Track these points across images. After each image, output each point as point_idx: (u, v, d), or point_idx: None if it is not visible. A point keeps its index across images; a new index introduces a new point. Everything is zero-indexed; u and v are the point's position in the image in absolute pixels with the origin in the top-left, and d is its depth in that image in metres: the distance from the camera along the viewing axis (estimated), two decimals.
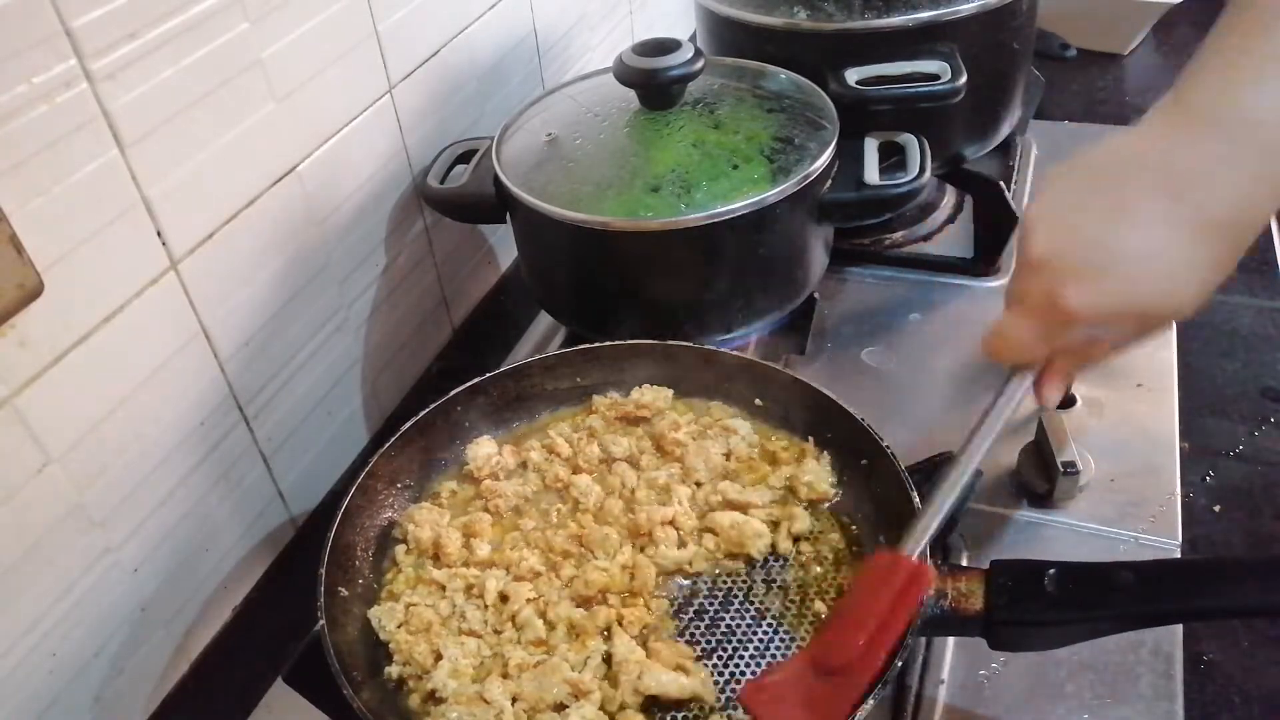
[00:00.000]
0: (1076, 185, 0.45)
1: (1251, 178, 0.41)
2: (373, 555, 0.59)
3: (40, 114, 0.46)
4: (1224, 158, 0.41)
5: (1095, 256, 0.43)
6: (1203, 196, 0.41)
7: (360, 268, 0.72)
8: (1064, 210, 0.45)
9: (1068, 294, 0.43)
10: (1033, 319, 0.46)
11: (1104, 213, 0.43)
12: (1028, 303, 0.46)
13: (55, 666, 0.52)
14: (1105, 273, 0.43)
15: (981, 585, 0.51)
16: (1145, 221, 0.42)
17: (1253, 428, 0.72)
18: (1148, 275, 0.42)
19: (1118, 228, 0.42)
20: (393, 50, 0.71)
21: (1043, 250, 0.45)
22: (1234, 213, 0.41)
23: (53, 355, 0.49)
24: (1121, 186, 0.43)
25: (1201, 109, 0.42)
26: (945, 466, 0.52)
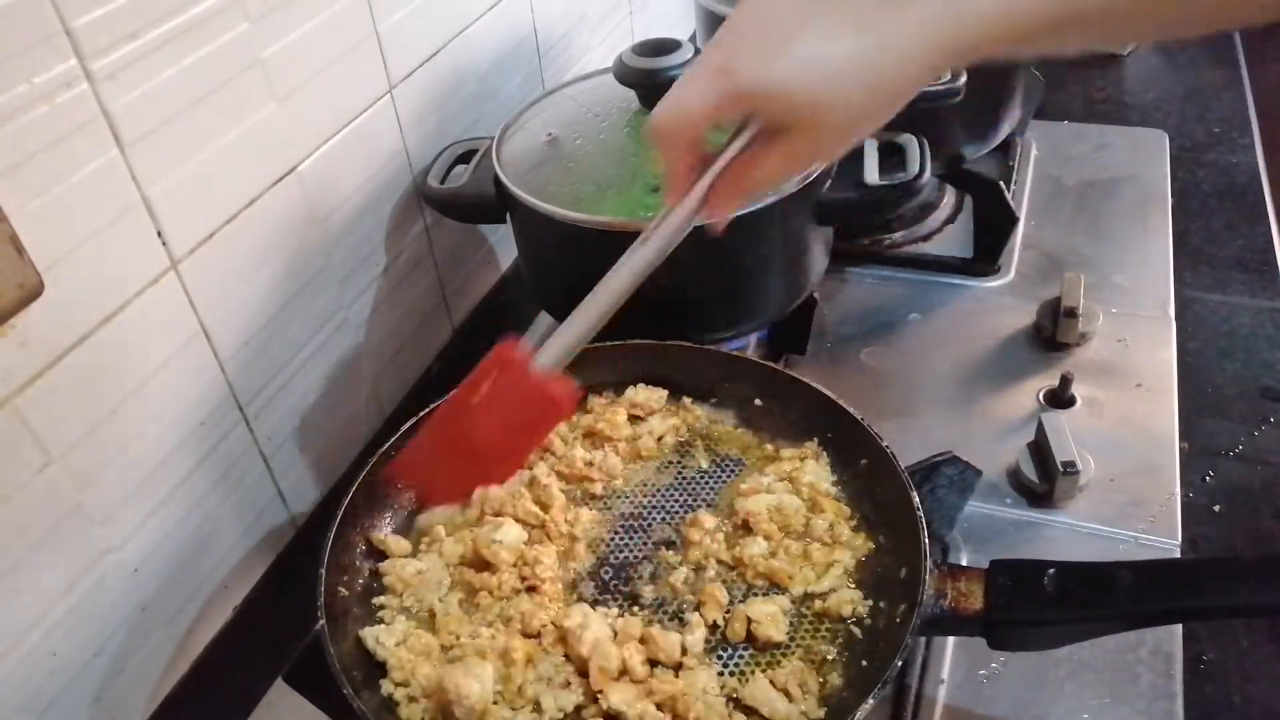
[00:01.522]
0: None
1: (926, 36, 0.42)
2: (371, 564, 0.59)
3: (41, 114, 0.46)
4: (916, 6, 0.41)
5: (779, 37, 0.43)
6: (885, 38, 0.42)
7: (360, 267, 0.72)
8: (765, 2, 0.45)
9: (745, 59, 0.43)
10: (702, 80, 0.45)
11: (802, 11, 0.43)
12: (705, 62, 0.45)
13: (55, 666, 0.52)
14: (781, 54, 0.42)
15: (981, 585, 0.51)
16: (832, 33, 0.42)
17: (1252, 427, 0.72)
18: (810, 72, 0.42)
19: (809, 25, 0.43)
20: (393, 50, 0.71)
21: (737, 18, 0.45)
22: (897, 61, 0.42)
23: (53, 355, 0.49)
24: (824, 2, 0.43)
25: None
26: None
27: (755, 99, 0.44)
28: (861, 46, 0.42)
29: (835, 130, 0.44)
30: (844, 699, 0.50)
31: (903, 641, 0.48)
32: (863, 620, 0.53)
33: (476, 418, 0.50)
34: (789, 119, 0.44)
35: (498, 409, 0.50)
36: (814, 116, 0.43)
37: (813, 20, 0.43)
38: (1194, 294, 0.84)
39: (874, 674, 0.50)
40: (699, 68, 0.45)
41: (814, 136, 0.44)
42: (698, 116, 0.45)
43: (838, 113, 0.43)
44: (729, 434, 0.65)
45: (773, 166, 0.46)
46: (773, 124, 0.45)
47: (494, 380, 0.50)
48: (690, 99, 0.45)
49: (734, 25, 0.45)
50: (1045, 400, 0.75)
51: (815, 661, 0.52)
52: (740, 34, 0.44)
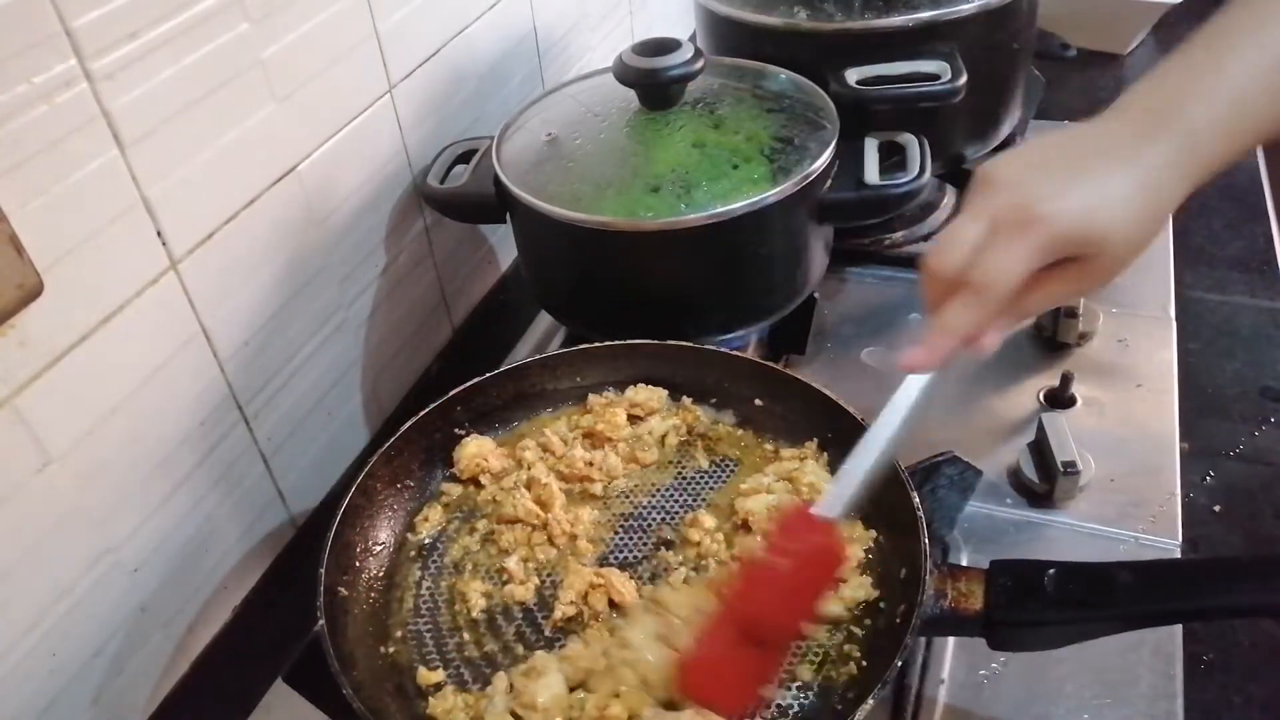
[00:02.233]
0: (1034, 146, 0.50)
1: (1176, 156, 0.47)
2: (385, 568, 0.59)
3: (40, 114, 0.46)
4: (1160, 144, 0.47)
5: (1063, 178, 0.46)
6: (1143, 171, 0.47)
7: (360, 267, 0.72)
8: (1026, 156, 0.49)
9: (1046, 205, 0.45)
10: (1016, 236, 0.46)
11: (1063, 153, 0.48)
12: (1002, 223, 0.46)
13: (55, 666, 0.52)
14: (1074, 191, 0.46)
15: (981, 585, 0.51)
16: (1103, 170, 0.47)
17: (1253, 428, 0.72)
18: (1109, 206, 0.46)
19: (1082, 165, 0.47)
20: (393, 50, 0.71)
21: (1007, 175, 0.47)
22: (1162, 180, 0.47)
23: (53, 355, 0.49)
24: (1079, 145, 0.49)
25: (1144, 102, 0.50)
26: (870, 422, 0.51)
27: (1064, 239, 0.46)
28: (1131, 179, 0.46)
29: (1119, 259, 0.47)
30: (844, 699, 0.50)
31: (903, 641, 0.48)
32: (872, 610, 0.53)
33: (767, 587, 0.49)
34: (1087, 251, 0.46)
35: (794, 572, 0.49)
36: (1108, 246, 0.46)
37: (1083, 161, 0.47)
38: (1194, 294, 0.84)
39: (874, 674, 0.50)
40: (992, 229, 0.46)
41: (1103, 264, 0.47)
42: (1019, 274, 0.46)
43: (1123, 240, 0.46)
44: (729, 434, 0.65)
45: (1056, 293, 0.48)
46: (1069, 257, 0.47)
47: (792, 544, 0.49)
48: (1013, 262, 0.46)
49: (1007, 181, 0.47)
50: (1046, 400, 0.75)
51: (816, 660, 0.52)
52: (1022, 185, 0.47)
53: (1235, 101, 0.47)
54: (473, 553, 0.59)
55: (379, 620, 0.56)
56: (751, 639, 0.48)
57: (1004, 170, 0.48)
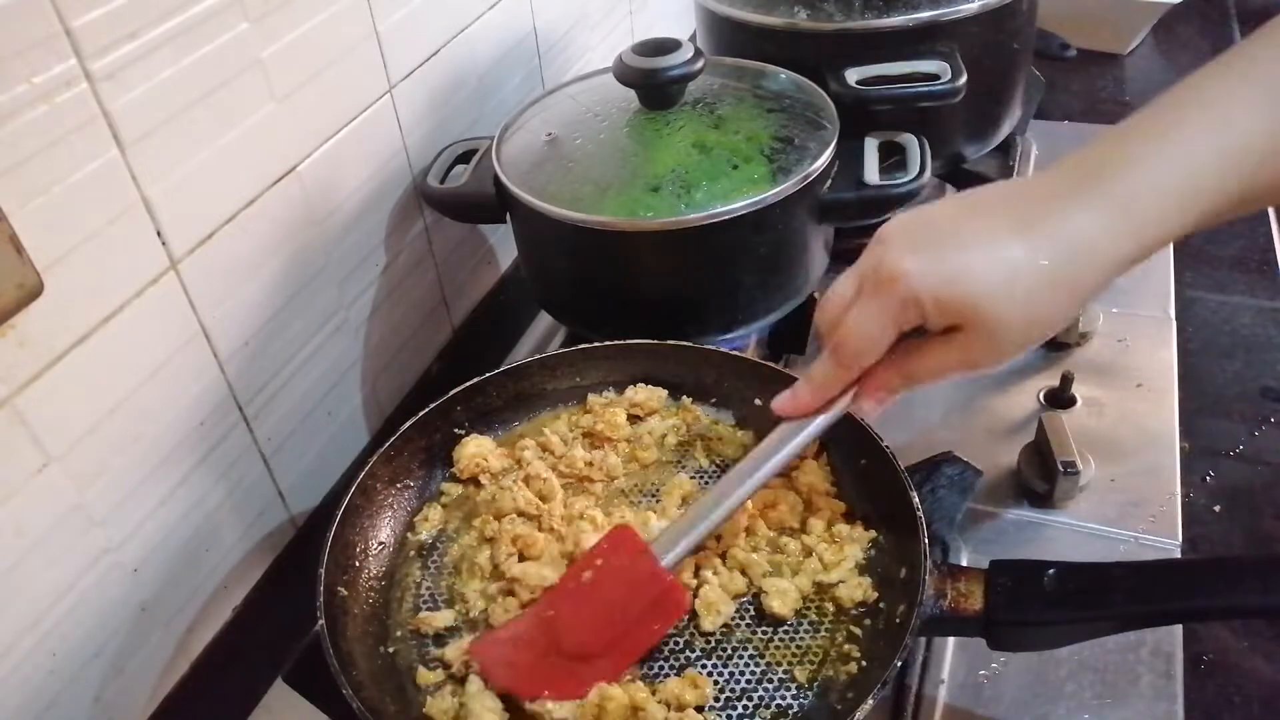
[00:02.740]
0: (945, 202, 0.47)
1: (1104, 229, 0.42)
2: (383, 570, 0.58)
3: (40, 114, 0.46)
4: (1084, 205, 0.42)
5: (939, 239, 0.43)
6: (1053, 229, 0.42)
7: (360, 268, 0.72)
8: (927, 212, 0.46)
9: (905, 262, 0.43)
10: (872, 295, 0.45)
11: (958, 212, 0.45)
12: (867, 281, 0.45)
13: (55, 666, 0.52)
14: (946, 253, 0.43)
15: (981, 585, 0.51)
16: (994, 229, 0.43)
17: (1253, 427, 0.72)
18: (986, 271, 0.42)
19: (968, 224, 0.43)
20: (393, 50, 0.71)
21: (892, 230, 0.45)
22: (1082, 257, 0.42)
23: (52, 355, 0.49)
24: (982, 205, 0.45)
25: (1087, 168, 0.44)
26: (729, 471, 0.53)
27: (926, 304, 0.43)
28: (1032, 246, 0.42)
29: (1010, 334, 0.43)
30: (844, 699, 0.50)
31: (902, 642, 0.48)
32: (871, 610, 0.53)
33: (585, 599, 0.50)
34: (961, 322, 0.44)
35: (608, 593, 0.50)
36: (988, 320, 0.43)
37: (974, 224, 0.43)
38: (1194, 294, 0.84)
39: (874, 674, 0.50)
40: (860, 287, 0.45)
41: (985, 340, 0.44)
42: (884, 338, 0.45)
43: (1012, 315, 0.43)
44: (729, 434, 0.65)
45: (942, 363, 0.46)
46: (948, 325, 0.44)
47: (607, 562, 0.51)
48: (870, 324, 0.45)
49: (889, 237, 0.45)
50: (1045, 400, 0.75)
51: (815, 661, 0.52)
52: (899, 244, 0.44)
53: (1189, 173, 0.42)
54: (472, 552, 0.59)
55: (379, 620, 0.56)
56: (555, 642, 0.50)
57: (892, 226, 0.45)
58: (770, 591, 0.54)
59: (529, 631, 0.51)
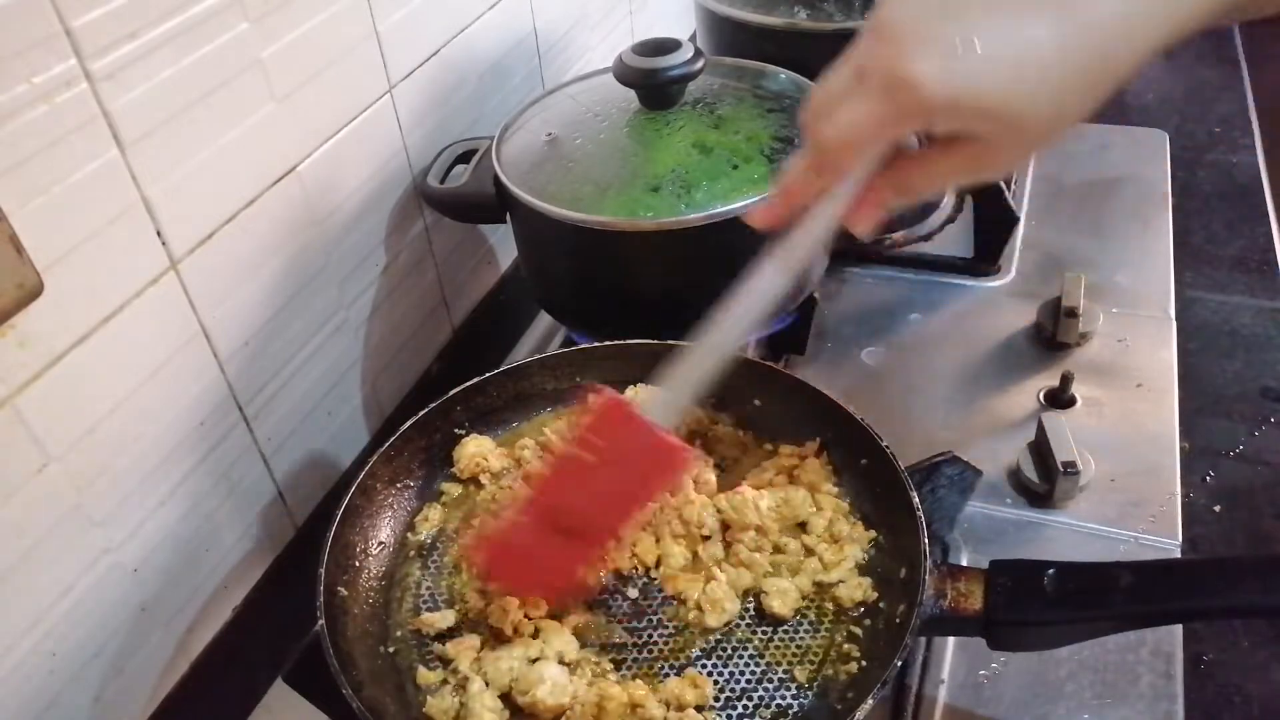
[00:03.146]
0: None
1: (1140, 7, 0.36)
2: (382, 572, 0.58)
3: (40, 114, 0.46)
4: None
5: (955, 30, 0.35)
6: (1089, 14, 0.36)
7: (360, 268, 0.72)
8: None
9: (916, 66, 0.36)
10: (870, 95, 0.37)
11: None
12: (866, 77, 0.38)
13: (55, 666, 0.52)
14: (964, 51, 0.35)
15: (981, 585, 0.51)
16: (1022, 15, 0.36)
17: (1252, 427, 0.72)
18: (1011, 68, 0.36)
19: (993, 7, 0.36)
20: (393, 50, 0.71)
21: (895, 14, 0.37)
22: (1115, 38, 0.36)
23: (52, 355, 0.49)
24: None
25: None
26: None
27: (939, 114, 0.37)
28: (1065, 27, 0.35)
29: (1033, 134, 0.38)
30: (844, 698, 0.50)
31: (902, 641, 0.48)
32: (871, 610, 0.53)
33: (584, 479, 0.47)
34: (980, 129, 0.38)
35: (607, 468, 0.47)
36: (1013, 120, 0.37)
37: (996, 6, 0.35)
38: (1194, 294, 0.84)
39: (874, 674, 0.50)
40: (862, 78, 0.38)
41: (1006, 143, 0.38)
42: (870, 142, 0.39)
43: (1038, 112, 0.37)
44: (729, 434, 0.65)
45: (945, 172, 0.41)
46: (957, 134, 0.38)
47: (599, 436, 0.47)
48: (859, 123, 0.38)
49: (891, 22, 0.37)
50: (1046, 400, 0.75)
51: (815, 660, 0.52)
52: (905, 33, 0.36)
53: None
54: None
55: (379, 620, 0.56)
56: (560, 528, 0.47)
57: (893, 7, 0.37)
58: (770, 591, 0.54)
59: (527, 524, 0.49)
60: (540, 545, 0.48)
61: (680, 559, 0.56)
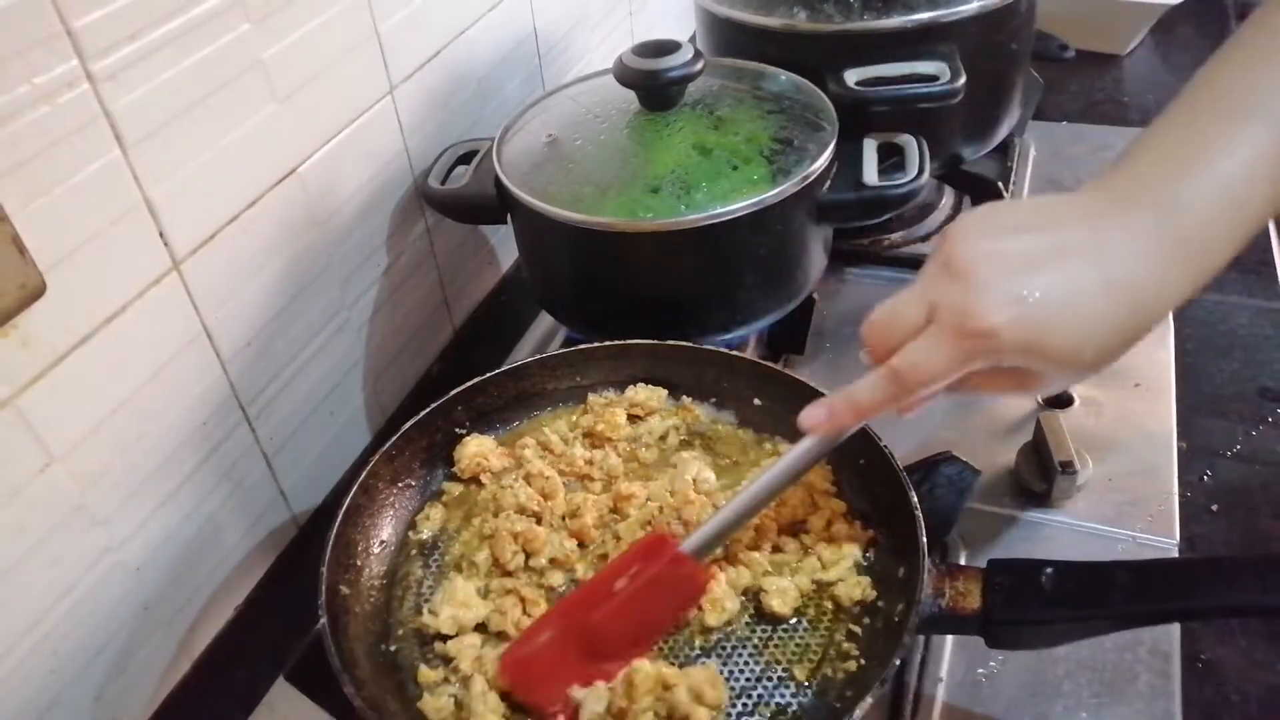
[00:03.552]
0: (1009, 221, 0.45)
1: (1166, 256, 0.42)
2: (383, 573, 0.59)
3: (42, 115, 0.46)
4: (1143, 233, 0.42)
5: (1020, 282, 0.42)
6: (1123, 269, 0.42)
7: (362, 268, 0.73)
8: (995, 235, 0.44)
9: (990, 311, 0.41)
10: (947, 338, 0.43)
11: (1034, 250, 0.43)
12: (941, 318, 0.43)
13: (57, 665, 0.52)
14: (1026, 300, 0.41)
15: (979, 584, 0.51)
16: (1072, 270, 0.42)
17: (1250, 427, 0.73)
18: (1063, 316, 0.42)
19: (1045, 266, 0.42)
20: (394, 52, 0.71)
21: (968, 260, 0.43)
22: (1144, 286, 0.43)
23: (55, 355, 0.49)
24: (1051, 234, 0.43)
25: (1132, 185, 0.44)
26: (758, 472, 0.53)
27: (1007, 353, 0.42)
28: (1115, 300, 0.41)
29: (1082, 369, 0.43)
30: (843, 696, 0.50)
31: (901, 640, 0.49)
32: (870, 609, 0.53)
33: (621, 607, 0.51)
34: (1042, 367, 0.43)
35: (643, 599, 0.51)
36: (1065, 357, 0.42)
37: (1051, 259, 0.42)
38: None
39: (872, 672, 0.50)
40: (931, 319, 0.43)
41: (1057, 374, 0.44)
42: (947, 378, 0.44)
43: (1086, 351, 0.42)
44: (729, 434, 0.66)
45: (997, 387, 0.46)
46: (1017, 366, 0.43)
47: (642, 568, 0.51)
48: (937, 362, 0.43)
49: (963, 266, 0.42)
50: (1044, 401, 0.75)
51: (815, 658, 0.52)
52: (976, 279, 0.42)
53: (1234, 178, 0.42)
54: (471, 551, 0.59)
55: (380, 618, 0.56)
56: (583, 646, 0.50)
57: (963, 250, 0.43)
58: (770, 590, 0.54)
59: (558, 643, 0.51)
60: (562, 660, 0.50)
61: None
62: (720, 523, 0.52)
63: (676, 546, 0.52)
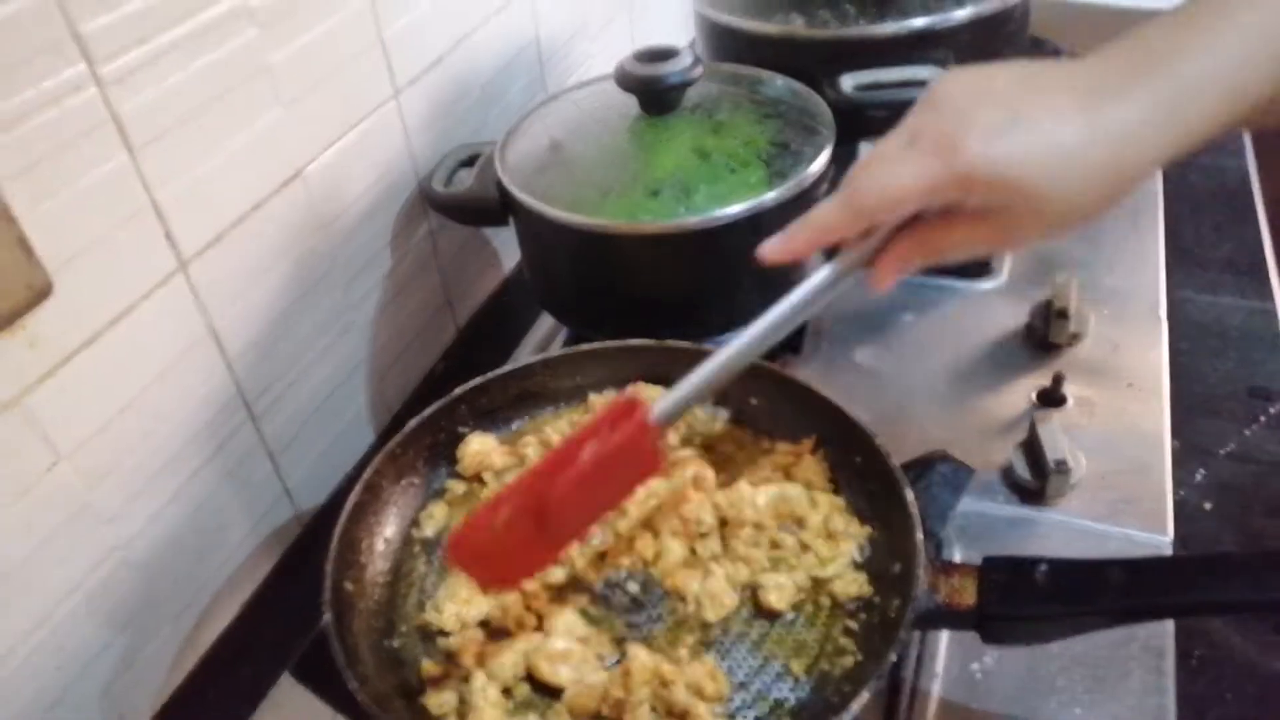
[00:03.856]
0: (998, 70, 0.44)
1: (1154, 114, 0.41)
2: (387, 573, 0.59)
3: (50, 118, 0.47)
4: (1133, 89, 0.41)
5: (1004, 114, 0.41)
6: (1109, 115, 0.41)
7: (366, 270, 0.73)
8: (983, 74, 0.43)
9: (970, 138, 0.41)
10: (921, 155, 0.42)
11: (1020, 89, 0.42)
12: (918, 139, 0.43)
13: (63, 662, 0.53)
14: (1010, 132, 0.40)
15: (974, 580, 0.52)
16: (1056, 108, 0.41)
17: (1242, 426, 0.73)
18: (1044, 153, 0.40)
19: (1031, 102, 0.41)
20: (398, 57, 0.72)
21: (950, 92, 0.42)
22: (1129, 137, 0.41)
23: (62, 355, 0.50)
24: (1041, 80, 0.43)
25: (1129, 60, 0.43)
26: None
27: (978, 182, 0.41)
28: (1091, 128, 0.40)
29: (1054, 216, 0.42)
30: (839, 691, 0.51)
31: (897, 636, 0.49)
32: (866, 605, 0.54)
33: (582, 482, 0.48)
34: (1009, 202, 0.42)
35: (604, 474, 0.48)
36: (1038, 202, 0.41)
37: (1035, 98, 0.41)
38: (1185, 295, 0.85)
39: (869, 667, 0.51)
40: (909, 143, 0.43)
41: (1028, 221, 0.42)
42: (910, 198, 0.43)
43: (1061, 198, 0.41)
44: (727, 432, 0.66)
45: (969, 241, 0.45)
46: (987, 206, 0.43)
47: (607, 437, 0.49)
48: (903, 177, 0.42)
49: (946, 98, 0.42)
50: (1038, 399, 0.76)
51: (812, 653, 0.53)
52: (958, 108, 0.42)
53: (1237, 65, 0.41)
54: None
55: (384, 615, 0.56)
56: (535, 519, 0.48)
57: (949, 89, 0.43)
58: (767, 586, 0.54)
59: (512, 519, 0.48)
60: (511, 537, 0.49)
61: (678, 554, 0.56)
62: (691, 387, 0.50)
63: (646, 413, 0.49)
